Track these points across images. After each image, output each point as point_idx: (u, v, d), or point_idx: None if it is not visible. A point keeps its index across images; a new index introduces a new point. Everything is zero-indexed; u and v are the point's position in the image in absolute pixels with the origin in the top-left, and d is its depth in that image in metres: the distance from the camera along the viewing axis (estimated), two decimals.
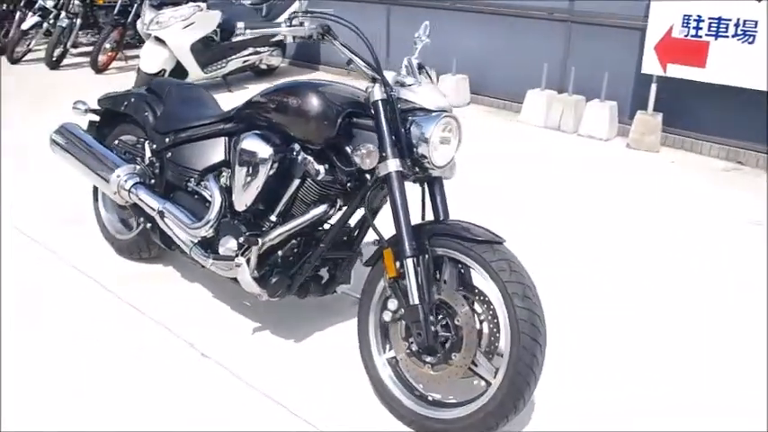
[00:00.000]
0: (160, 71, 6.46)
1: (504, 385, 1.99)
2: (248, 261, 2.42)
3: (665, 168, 4.98)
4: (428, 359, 2.15)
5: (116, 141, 3.17)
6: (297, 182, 2.42)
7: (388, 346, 2.31)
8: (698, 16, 4.85)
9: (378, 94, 2.19)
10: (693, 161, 5.17)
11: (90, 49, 8.04)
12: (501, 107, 6.56)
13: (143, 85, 3.30)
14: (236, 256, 2.43)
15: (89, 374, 2.48)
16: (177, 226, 2.69)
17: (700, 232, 3.81)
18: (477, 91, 6.73)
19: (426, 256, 2.13)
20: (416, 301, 2.07)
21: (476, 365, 2.10)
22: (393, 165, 2.16)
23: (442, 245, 2.13)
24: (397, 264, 2.15)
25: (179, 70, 6.68)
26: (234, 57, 7.09)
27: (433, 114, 2.18)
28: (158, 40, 6.47)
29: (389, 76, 2.27)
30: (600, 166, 4.97)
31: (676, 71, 5.06)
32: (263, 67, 7.64)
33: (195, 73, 6.75)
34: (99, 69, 7.81)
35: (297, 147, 2.40)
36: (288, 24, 2.23)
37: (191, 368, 2.53)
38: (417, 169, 2.23)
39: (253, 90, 7.08)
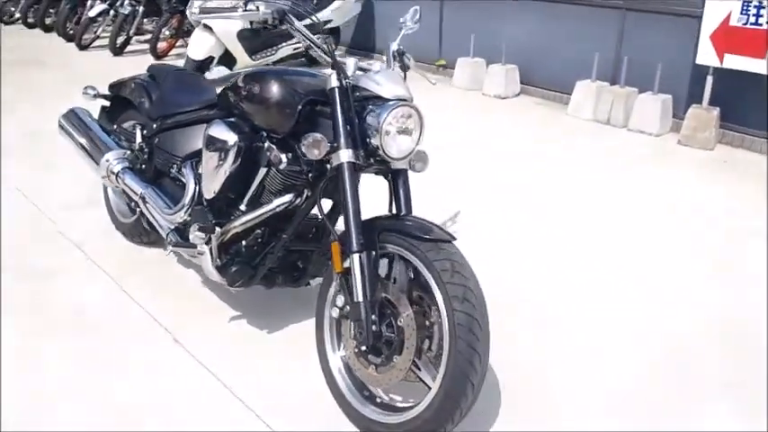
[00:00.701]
0: (207, 58, 6.60)
1: (441, 393, 1.89)
2: (211, 249, 2.41)
3: (713, 168, 4.64)
4: (373, 359, 2.08)
5: (115, 127, 3.25)
6: (263, 171, 2.39)
7: (343, 344, 2.25)
8: (758, 2, 4.48)
9: (333, 81, 2.13)
10: (749, 161, 4.80)
11: None
12: (551, 99, 6.32)
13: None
14: (202, 243, 2.42)
15: (60, 349, 2.55)
16: (156, 211, 2.72)
17: (719, 239, 3.54)
18: (528, 81, 6.51)
19: (374, 252, 2.05)
20: (359, 299, 2.00)
21: (419, 369, 2.01)
22: (345, 155, 2.09)
23: (391, 241, 2.04)
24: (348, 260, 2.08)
25: (227, 57, 6.82)
26: (283, 44, 7.16)
27: (389, 103, 2.08)
28: (206, 26, 6.60)
29: (350, 62, 2.20)
30: (643, 164, 4.68)
31: (734, 62, 4.70)
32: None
33: (243, 60, 6.85)
34: (158, 56, 8.08)
35: (263, 135, 2.37)
36: (243, 9, 2.20)
37: (159, 353, 2.56)
38: (372, 161, 2.15)
39: None
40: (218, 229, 2.37)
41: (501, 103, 6.29)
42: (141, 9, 8.38)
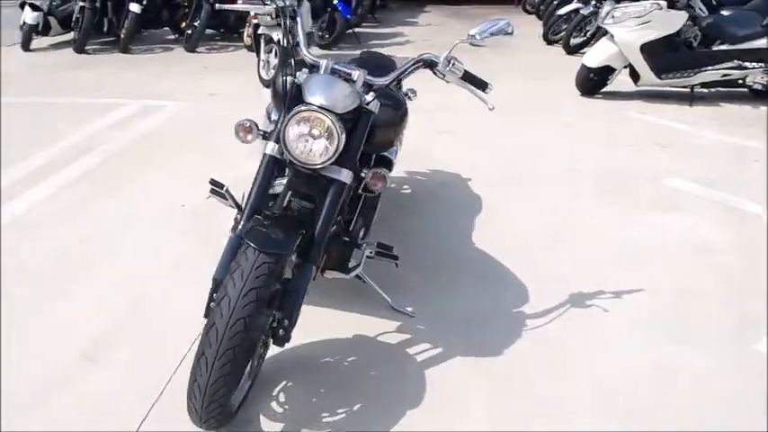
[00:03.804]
0: (603, 67, 6.45)
1: None
2: None
3: None
4: None
5: None
6: None
7: None
8: None
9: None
10: None
11: None
12: None
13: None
14: None
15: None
16: None
17: None
18: None
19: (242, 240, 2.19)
20: (215, 275, 2.20)
21: None
22: (268, 147, 2.27)
23: None
24: None
25: (633, 71, 6.52)
26: (708, 68, 6.38)
27: (296, 107, 2.15)
28: (611, 35, 6.43)
29: (323, 63, 2.33)
30: None
31: None
32: (757, 86, 6.55)
33: (647, 77, 6.43)
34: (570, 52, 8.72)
35: None
36: (263, 2, 2.49)
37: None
38: (290, 161, 2.23)
39: (726, 109, 6.33)
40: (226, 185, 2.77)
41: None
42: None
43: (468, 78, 2.43)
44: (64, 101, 6.43)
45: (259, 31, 6.80)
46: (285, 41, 2.36)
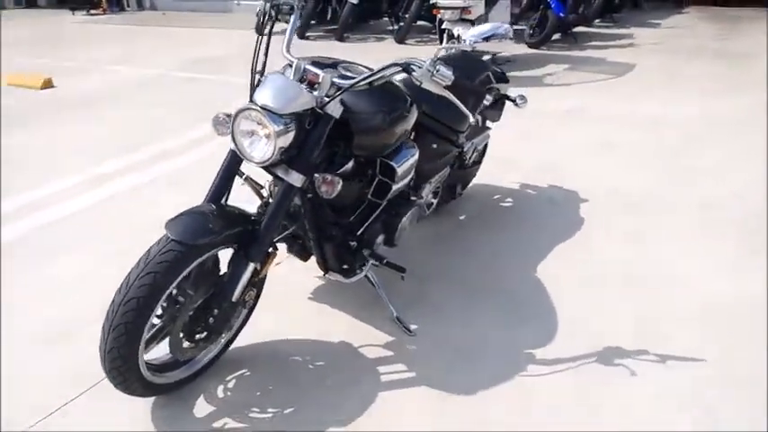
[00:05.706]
0: None
1: None
2: None
3: None
4: None
5: None
6: None
7: None
8: None
9: None
10: None
11: None
12: None
13: None
14: None
15: None
16: None
17: None
18: None
19: None
20: None
21: None
22: (232, 143, 2.35)
23: None
24: None
25: None
26: None
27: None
28: None
29: (296, 63, 2.35)
30: None
31: None
32: None
33: None
34: None
35: None
36: None
37: None
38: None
39: None
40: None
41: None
42: None
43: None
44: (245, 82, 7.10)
45: (443, 26, 6.86)
46: (263, 37, 2.43)
